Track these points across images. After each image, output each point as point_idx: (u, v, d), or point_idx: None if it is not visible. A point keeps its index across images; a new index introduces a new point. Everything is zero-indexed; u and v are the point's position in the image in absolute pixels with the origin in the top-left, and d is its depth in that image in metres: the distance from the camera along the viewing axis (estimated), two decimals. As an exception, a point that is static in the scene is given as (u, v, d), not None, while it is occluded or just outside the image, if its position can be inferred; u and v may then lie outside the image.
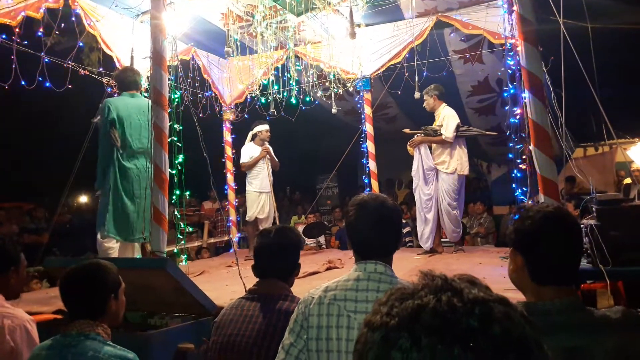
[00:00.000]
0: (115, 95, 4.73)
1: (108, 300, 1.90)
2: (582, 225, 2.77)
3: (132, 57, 5.14)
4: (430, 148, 5.47)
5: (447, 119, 5.32)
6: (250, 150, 6.19)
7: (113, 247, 4.25)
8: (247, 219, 6.31)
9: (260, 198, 6.15)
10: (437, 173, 5.42)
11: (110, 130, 4.20)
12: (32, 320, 2.28)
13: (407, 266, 4.52)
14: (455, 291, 0.60)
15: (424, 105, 5.60)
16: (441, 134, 5.30)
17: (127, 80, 4.47)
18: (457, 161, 5.32)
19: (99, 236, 4.29)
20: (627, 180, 8.26)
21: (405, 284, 0.66)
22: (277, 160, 6.26)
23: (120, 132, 4.22)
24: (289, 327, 1.73)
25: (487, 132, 6.09)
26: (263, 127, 6.22)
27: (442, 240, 5.71)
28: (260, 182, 6.15)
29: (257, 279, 2.26)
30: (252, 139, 6.25)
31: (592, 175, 4.13)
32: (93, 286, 1.89)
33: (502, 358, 0.55)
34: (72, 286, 1.90)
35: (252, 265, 2.29)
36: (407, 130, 5.62)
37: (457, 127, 5.30)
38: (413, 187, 5.63)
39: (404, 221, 8.03)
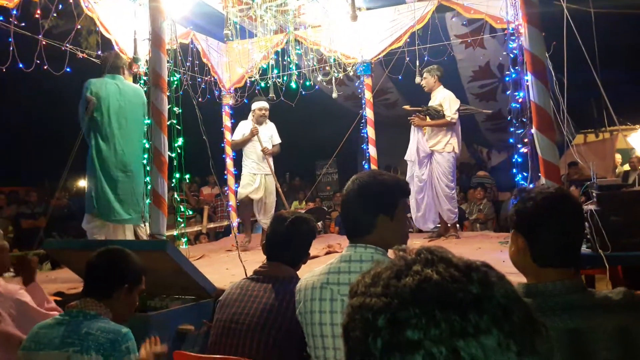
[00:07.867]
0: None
1: (119, 287, 1.93)
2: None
3: (135, 41, 5.04)
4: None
5: (448, 101, 5.33)
6: (242, 128, 5.87)
7: (98, 225, 4.22)
8: (237, 197, 6.05)
9: (254, 179, 5.73)
10: (432, 156, 5.42)
11: (87, 107, 4.11)
12: (22, 289, 2.39)
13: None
14: (447, 261, 0.60)
15: (423, 83, 5.55)
16: (443, 115, 5.29)
17: (109, 64, 4.39)
18: (454, 140, 5.35)
19: (87, 218, 4.25)
20: (626, 167, 8.29)
21: (389, 261, 0.64)
22: (268, 147, 5.71)
23: (99, 113, 4.16)
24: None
25: (483, 110, 6.10)
26: (256, 105, 5.82)
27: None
28: (253, 164, 5.75)
29: (263, 261, 2.28)
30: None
31: (592, 162, 4.12)
32: (109, 265, 1.96)
33: (508, 317, 0.56)
34: (94, 261, 1.98)
35: (262, 244, 2.29)
36: (408, 107, 5.59)
37: (458, 108, 5.36)
38: (407, 174, 5.58)
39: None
